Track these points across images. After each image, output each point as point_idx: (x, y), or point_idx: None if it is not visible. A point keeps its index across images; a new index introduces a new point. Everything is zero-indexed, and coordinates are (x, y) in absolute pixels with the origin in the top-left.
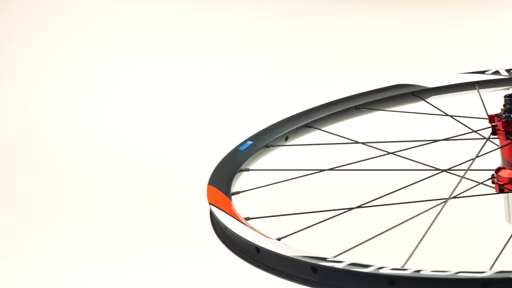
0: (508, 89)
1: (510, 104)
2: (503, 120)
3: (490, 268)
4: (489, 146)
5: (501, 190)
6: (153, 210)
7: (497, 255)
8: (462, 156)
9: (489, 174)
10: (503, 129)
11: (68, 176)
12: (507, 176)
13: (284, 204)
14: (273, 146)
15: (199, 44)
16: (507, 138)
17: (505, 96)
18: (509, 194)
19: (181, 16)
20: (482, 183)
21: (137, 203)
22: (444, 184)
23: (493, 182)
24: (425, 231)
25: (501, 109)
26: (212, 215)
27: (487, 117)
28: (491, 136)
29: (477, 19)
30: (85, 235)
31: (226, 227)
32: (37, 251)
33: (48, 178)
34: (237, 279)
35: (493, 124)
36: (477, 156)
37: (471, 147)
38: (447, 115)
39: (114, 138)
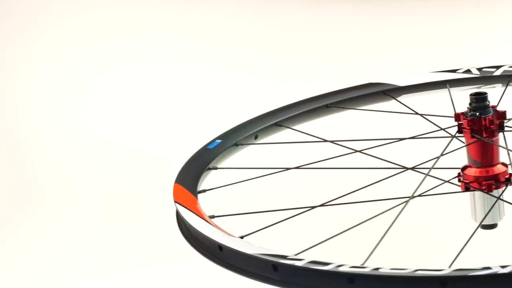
0: (479, 87)
1: (475, 103)
2: (468, 118)
3: (449, 266)
4: (457, 144)
5: (466, 188)
6: (123, 208)
7: (457, 253)
8: (431, 154)
9: (456, 172)
10: (468, 128)
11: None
12: (473, 175)
13: (252, 202)
14: (242, 144)
15: (172, 43)
16: (473, 137)
17: (471, 95)
18: (475, 192)
19: (159, 15)
20: (448, 181)
21: (107, 201)
22: (411, 182)
23: (459, 181)
24: (389, 229)
25: (467, 107)
26: (177, 213)
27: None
28: (457, 135)
29: (450, 18)
30: (59, 234)
31: (190, 226)
32: (20, 251)
33: (31, 178)
34: (205, 278)
35: (459, 122)
36: (441, 155)
37: (439, 146)
38: (417, 113)
39: (87, 135)
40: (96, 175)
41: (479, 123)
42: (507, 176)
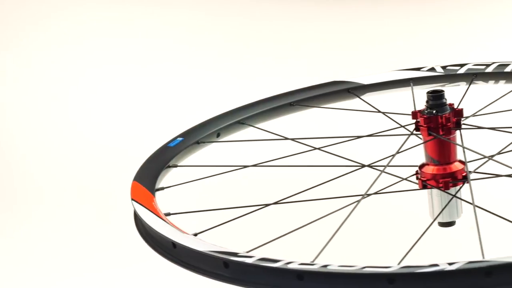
0: (443, 85)
1: (432, 101)
2: (425, 116)
3: (399, 263)
4: (416, 142)
5: (424, 186)
6: (87, 207)
7: (407, 251)
8: (390, 152)
9: (414, 170)
10: (425, 125)
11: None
12: (430, 172)
13: (211, 200)
14: (204, 142)
15: (136, 42)
16: (429, 134)
17: (428, 93)
18: (432, 190)
19: (125, 15)
20: (405, 179)
21: (73, 200)
22: (370, 180)
23: (417, 178)
24: (345, 226)
25: (425, 105)
26: (134, 211)
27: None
28: (415, 132)
29: (415, 16)
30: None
31: (145, 223)
32: None
33: None
34: (163, 277)
35: (416, 120)
36: (397, 152)
37: (399, 143)
38: (379, 111)
39: (51, 133)
40: (61, 173)
41: (435, 121)
42: (464, 174)
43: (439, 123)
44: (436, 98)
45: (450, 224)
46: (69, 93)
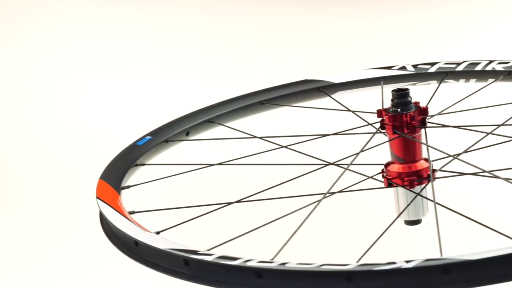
0: (414, 84)
1: (397, 99)
2: (390, 114)
3: (358, 261)
4: (383, 140)
5: (389, 184)
6: (53, 207)
7: (367, 248)
8: (357, 150)
9: (381, 168)
10: (390, 124)
11: None
12: (396, 171)
13: (177, 198)
14: (173, 141)
15: (104, 40)
16: (394, 133)
17: (393, 91)
18: (398, 188)
19: (91, 13)
20: (371, 177)
21: (39, 196)
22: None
23: (383, 177)
24: (309, 224)
25: (390, 103)
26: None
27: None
28: (380, 130)
29: (387, 15)
30: None
31: (109, 221)
32: None
33: None
34: (129, 276)
35: (381, 118)
36: (361, 151)
37: (371, 141)
38: (349, 110)
39: (20, 132)
40: (29, 171)
41: (400, 119)
42: (429, 172)
43: (403, 121)
44: (401, 96)
45: (416, 222)
46: (40, 93)
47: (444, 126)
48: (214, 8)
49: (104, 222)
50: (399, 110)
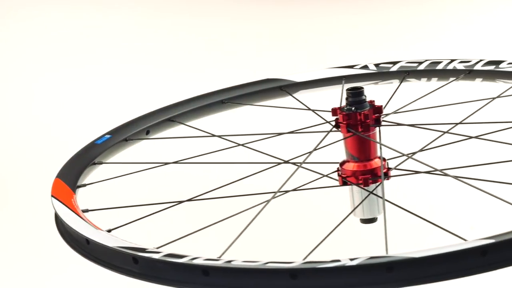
0: (376, 83)
1: (351, 97)
2: (344, 113)
3: (304, 259)
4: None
5: (344, 182)
6: (8, 205)
7: (314, 246)
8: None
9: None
10: (344, 122)
11: None
12: (351, 169)
13: (134, 196)
14: (132, 140)
15: (64, 37)
16: (348, 131)
17: (347, 90)
18: (353, 187)
19: (51, 7)
20: (326, 175)
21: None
22: (293, 176)
23: (338, 175)
24: (262, 223)
25: (345, 102)
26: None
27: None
28: (335, 129)
29: (348, 13)
30: None
31: (61, 219)
32: None
33: None
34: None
35: (336, 117)
36: (315, 149)
37: (325, 140)
38: (309, 109)
39: None
40: None
41: (354, 118)
42: (384, 171)
43: (358, 120)
44: (355, 95)
45: (371, 220)
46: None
47: (398, 124)
48: (177, 7)
49: (59, 220)
50: (353, 108)
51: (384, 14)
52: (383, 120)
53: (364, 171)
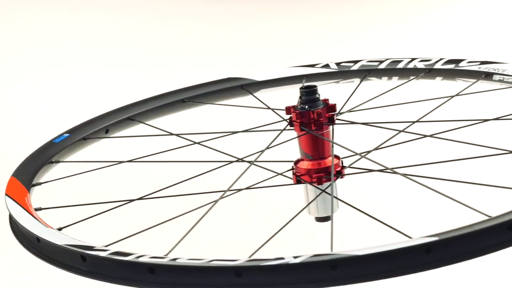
0: (337, 82)
1: (305, 96)
2: (297, 111)
3: (250, 257)
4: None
5: (298, 181)
6: None
7: (262, 244)
8: (274, 147)
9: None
10: (297, 121)
11: None
12: (305, 168)
13: (89, 195)
14: (91, 138)
15: (24, 34)
16: (301, 130)
17: (301, 88)
18: (307, 185)
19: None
20: (281, 174)
21: None
22: (248, 174)
23: (293, 174)
24: (215, 221)
25: (298, 100)
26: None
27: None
28: (288, 128)
29: (310, 13)
30: None
31: (14, 218)
32: None
33: None
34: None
35: (289, 115)
36: (267, 148)
37: (283, 138)
38: (269, 108)
39: None
40: None
41: (308, 116)
42: (338, 169)
43: (311, 118)
44: (309, 93)
45: (326, 219)
46: None
47: (352, 123)
48: (138, 6)
49: (12, 219)
50: (306, 107)
51: (346, 13)
52: (337, 119)
53: (318, 170)
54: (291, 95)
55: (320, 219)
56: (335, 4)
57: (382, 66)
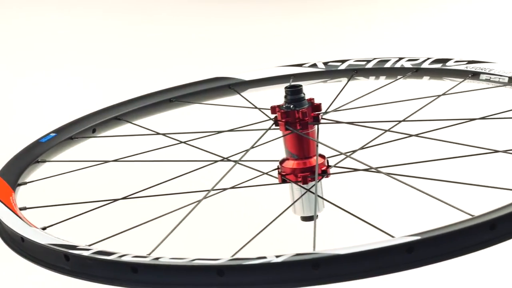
0: (325, 81)
1: (290, 95)
2: (282, 111)
3: (232, 256)
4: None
5: (283, 180)
6: None
7: (243, 245)
8: (260, 146)
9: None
10: (282, 120)
11: None
12: (290, 167)
13: (75, 194)
14: (77, 138)
15: (12, 35)
16: (286, 129)
17: (286, 88)
18: (293, 185)
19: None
20: (266, 173)
21: None
22: (233, 173)
23: (278, 173)
24: (201, 220)
25: (284, 100)
26: None
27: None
28: (274, 127)
29: (298, 12)
30: None
31: None
32: None
33: None
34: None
35: (275, 115)
36: (252, 147)
37: (268, 138)
38: (256, 107)
39: None
40: None
41: (293, 116)
42: (323, 168)
43: (296, 117)
44: (294, 93)
45: (311, 218)
46: None
47: (337, 122)
48: (124, 6)
49: None
50: (291, 106)
51: (333, 13)
52: (323, 118)
53: (303, 169)
54: (279, 94)
55: (305, 219)
56: (323, 4)
57: (370, 65)
